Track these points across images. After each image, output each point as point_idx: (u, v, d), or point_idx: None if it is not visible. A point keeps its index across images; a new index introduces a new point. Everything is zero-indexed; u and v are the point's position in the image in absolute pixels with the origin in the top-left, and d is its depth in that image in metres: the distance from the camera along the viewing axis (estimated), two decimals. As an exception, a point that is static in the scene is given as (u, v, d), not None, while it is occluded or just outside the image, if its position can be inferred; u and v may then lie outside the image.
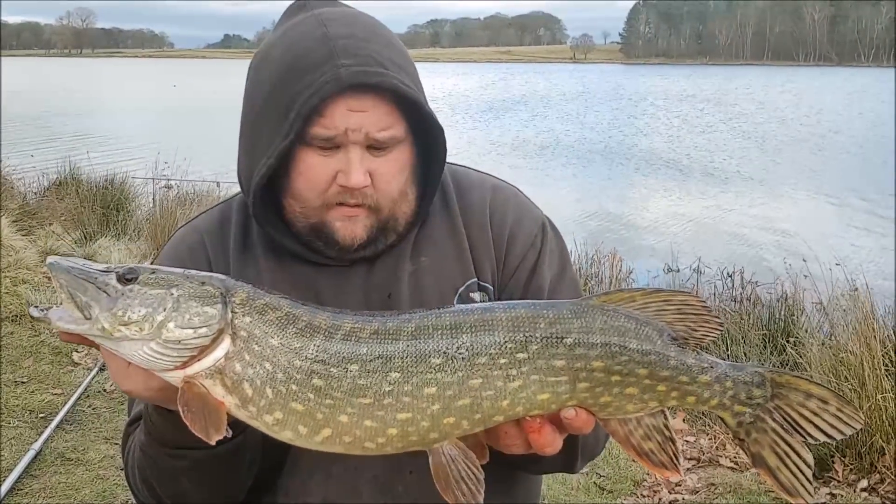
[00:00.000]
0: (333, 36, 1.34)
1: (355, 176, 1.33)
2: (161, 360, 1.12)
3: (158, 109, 40.97)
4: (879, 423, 4.39)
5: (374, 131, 1.33)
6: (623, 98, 56.18)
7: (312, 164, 1.36)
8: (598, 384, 1.16)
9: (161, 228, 9.16)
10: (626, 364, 1.16)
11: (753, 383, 1.20)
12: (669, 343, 1.18)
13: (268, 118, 1.37)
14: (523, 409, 1.16)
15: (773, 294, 7.11)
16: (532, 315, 1.16)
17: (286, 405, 1.13)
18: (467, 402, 1.14)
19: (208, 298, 1.14)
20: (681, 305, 1.19)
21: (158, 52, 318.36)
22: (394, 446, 1.16)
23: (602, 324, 1.16)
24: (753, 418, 1.21)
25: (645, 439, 1.21)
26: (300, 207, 1.40)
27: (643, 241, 12.65)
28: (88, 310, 1.12)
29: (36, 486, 4.21)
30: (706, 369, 1.19)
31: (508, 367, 1.14)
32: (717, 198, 17.35)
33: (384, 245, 1.44)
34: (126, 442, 1.49)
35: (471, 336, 1.14)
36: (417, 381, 1.13)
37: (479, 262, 1.50)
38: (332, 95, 1.30)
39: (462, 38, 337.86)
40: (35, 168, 12.92)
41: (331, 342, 1.14)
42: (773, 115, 39.70)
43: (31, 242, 8.77)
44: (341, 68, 1.30)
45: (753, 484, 4.45)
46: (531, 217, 1.56)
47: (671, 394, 1.19)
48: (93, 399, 5.30)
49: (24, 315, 6.48)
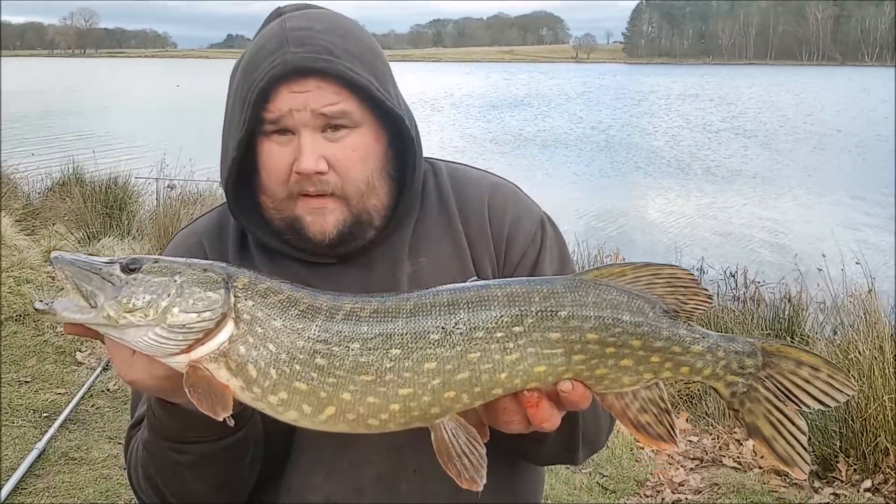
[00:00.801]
0: (289, 28, 1.37)
1: (305, 159, 1.34)
2: (166, 345, 1.14)
3: (162, 109, 41.03)
4: (884, 423, 4.39)
5: (319, 106, 1.34)
6: (625, 97, 56.13)
7: (270, 153, 1.38)
8: (594, 356, 1.18)
9: (164, 228, 9.17)
10: (619, 336, 1.18)
11: (745, 353, 1.22)
12: (661, 315, 1.20)
13: (232, 115, 1.41)
14: (521, 381, 1.18)
15: (776, 294, 7.11)
16: (527, 290, 1.18)
17: (290, 385, 1.16)
18: (466, 375, 1.17)
19: (211, 284, 1.17)
20: (670, 278, 1.21)
21: (161, 53, 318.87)
22: (396, 422, 1.18)
23: (595, 297, 1.18)
24: (746, 388, 1.22)
25: (641, 412, 1.22)
26: (271, 202, 1.42)
27: (646, 241, 12.64)
28: (94, 298, 1.14)
29: (40, 485, 4.22)
30: (698, 339, 1.21)
31: (505, 340, 1.16)
32: (720, 197, 17.34)
33: (363, 241, 1.44)
34: (129, 444, 1.49)
35: (468, 312, 1.17)
36: (417, 357, 1.16)
37: (479, 259, 1.50)
38: (278, 81, 1.33)
39: (464, 37, 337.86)
40: (38, 168, 12.94)
41: (332, 322, 1.17)
42: (776, 115, 39.65)
43: (35, 242, 8.79)
44: (288, 54, 1.33)
45: (757, 484, 4.44)
46: (530, 214, 1.56)
47: (665, 365, 1.21)
48: (96, 398, 5.31)
49: (27, 314, 6.49)
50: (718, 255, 10.64)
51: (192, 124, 30.23)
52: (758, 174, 20.67)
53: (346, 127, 1.37)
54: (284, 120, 1.34)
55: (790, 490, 4.40)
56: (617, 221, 14.49)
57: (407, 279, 1.46)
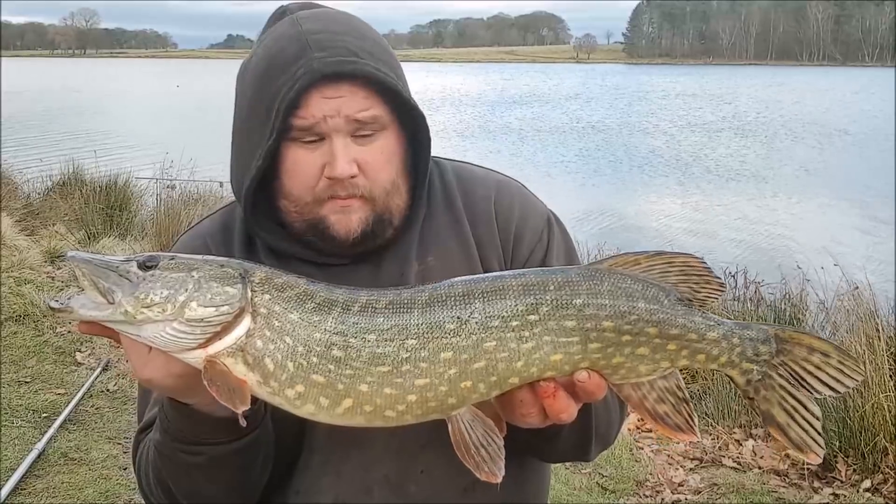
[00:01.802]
0: (307, 31, 1.36)
1: (340, 165, 1.33)
2: (183, 339, 1.14)
3: (162, 109, 41.03)
4: (882, 423, 4.39)
5: (353, 112, 1.34)
6: (625, 97, 56.13)
7: (298, 159, 1.36)
8: (610, 344, 1.18)
9: (165, 228, 9.17)
10: (635, 323, 1.18)
11: (759, 339, 1.22)
12: (676, 303, 1.21)
13: (252, 122, 1.38)
14: (537, 370, 1.18)
15: (776, 294, 7.10)
16: (542, 279, 1.19)
17: (307, 377, 1.16)
18: (483, 364, 1.17)
19: (228, 279, 1.18)
20: (683, 266, 1.22)
21: (162, 53, 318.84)
22: (413, 414, 1.19)
23: (610, 285, 1.19)
24: (761, 375, 1.23)
25: (658, 402, 1.23)
26: (294, 207, 1.40)
27: (647, 240, 12.63)
28: (111, 295, 1.15)
29: (39, 485, 4.22)
30: (713, 326, 1.21)
31: (521, 328, 1.17)
32: (719, 196, 17.33)
33: (382, 240, 1.44)
34: (137, 448, 1.49)
35: (483, 301, 1.18)
36: (434, 347, 1.16)
37: (487, 258, 1.50)
38: (308, 87, 1.32)
39: (465, 38, 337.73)
40: (39, 168, 12.94)
41: (348, 314, 1.18)
42: (776, 114, 39.64)
43: (35, 242, 8.79)
44: (314, 60, 1.32)
45: (756, 484, 4.44)
46: (537, 212, 1.56)
47: (682, 352, 1.21)
48: (96, 399, 5.30)
49: (27, 315, 6.49)
50: (719, 255, 10.64)
51: (193, 124, 30.24)
52: (758, 173, 20.66)
53: (375, 130, 1.37)
54: (318, 126, 1.33)
55: (790, 490, 4.40)
56: (616, 221, 14.49)
57: (415, 279, 1.46)
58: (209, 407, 1.27)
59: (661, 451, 4.92)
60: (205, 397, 1.24)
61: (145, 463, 1.43)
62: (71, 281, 7.65)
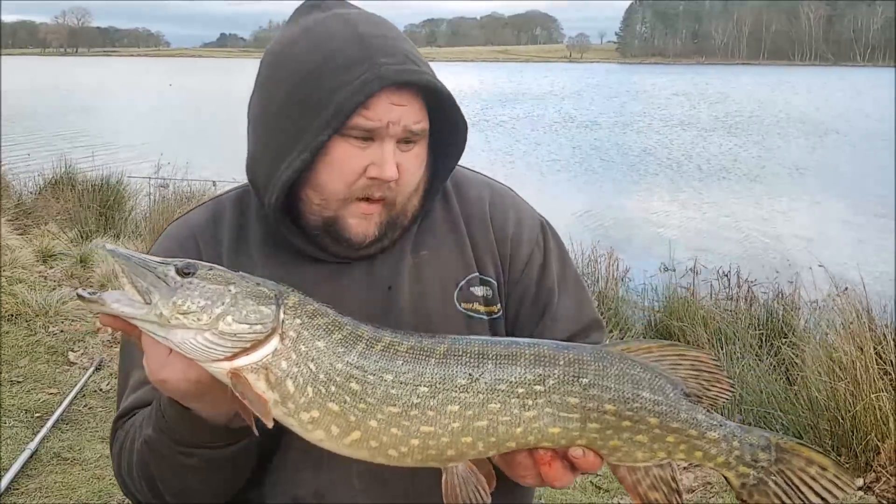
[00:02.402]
0: (366, 35, 1.38)
1: (390, 168, 1.37)
2: (213, 350, 1.17)
3: (154, 109, 40.90)
4: (874, 421, 4.40)
5: (411, 123, 1.38)
6: (618, 96, 56.21)
7: (346, 155, 1.37)
8: (609, 427, 1.22)
9: (159, 228, 9.14)
10: (637, 411, 1.22)
11: (759, 446, 1.26)
12: (681, 397, 1.24)
13: (295, 113, 1.37)
14: (535, 438, 1.23)
15: (769, 293, 7.13)
16: (553, 353, 1.23)
17: (324, 405, 1.20)
18: (485, 423, 1.21)
19: (263, 298, 1.21)
20: (694, 361, 1.26)
21: (154, 52, 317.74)
22: (413, 458, 1.23)
23: (618, 370, 1.23)
24: (757, 480, 1.26)
25: (651, 489, 1.26)
26: (320, 199, 1.41)
27: (640, 241, 12.66)
28: (149, 295, 1.16)
29: (32, 485, 4.20)
30: (715, 426, 1.25)
31: (525, 396, 1.21)
32: (712, 196, 17.37)
33: (389, 241, 1.47)
34: (115, 435, 1.49)
35: (495, 363, 1.22)
36: (443, 398, 1.21)
37: (481, 257, 1.52)
38: (375, 89, 1.33)
39: (458, 37, 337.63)
40: (31, 167, 12.90)
41: (371, 351, 1.22)
42: (768, 114, 39.75)
43: (27, 242, 8.75)
44: (382, 66, 1.34)
45: (749, 483, 4.45)
46: (530, 217, 1.59)
47: (679, 446, 1.24)
48: (89, 398, 5.29)
49: (20, 314, 6.47)
50: (711, 254, 10.66)
51: (186, 124, 30.14)
52: (750, 173, 20.72)
53: (417, 141, 1.42)
54: (379, 130, 1.36)
55: (782, 489, 4.41)
56: (610, 220, 14.50)
57: (408, 271, 1.48)
58: (208, 413, 1.29)
59: None
60: (210, 405, 1.27)
61: (129, 453, 1.43)
62: (63, 280, 7.62)
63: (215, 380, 1.20)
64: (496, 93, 60.93)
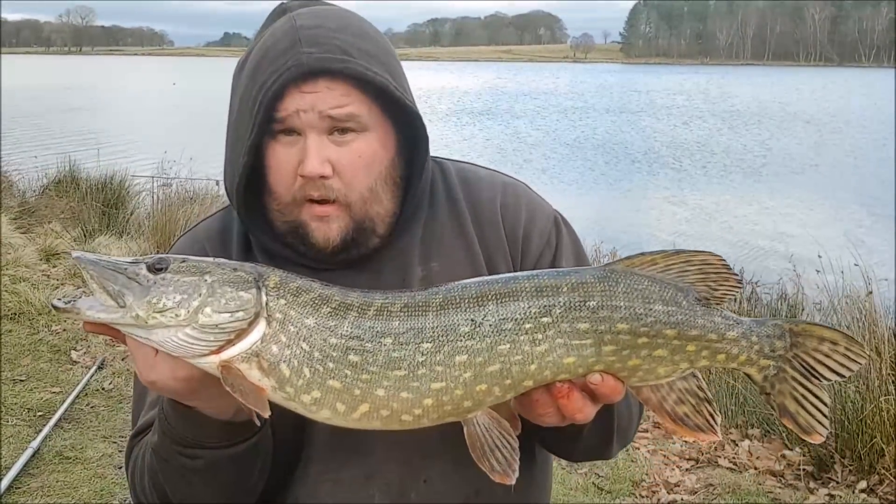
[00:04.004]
0: (300, 27, 1.34)
1: (310, 162, 1.30)
2: (196, 346, 1.12)
3: (158, 108, 40.95)
4: (880, 424, 4.39)
5: (326, 108, 1.30)
6: (622, 97, 56.15)
7: (277, 155, 1.34)
8: (625, 347, 1.17)
9: (161, 226, 9.15)
10: (652, 325, 1.17)
11: (775, 335, 1.23)
12: (695, 303, 1.20)
13: (240, 117, 1.37)
14: (551, 373, 1.17)
15: (772, 294, 7.12)
16: (555, 282, 1.18)
17: (324, 383, 1.15)
18: (497, 367, 1.16)
19: (242, 283, 1.15)
20: (702, 265, 1.21)
21: (158, 51, 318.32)
22: (430, 417, 1.18)
23: (625, 287, 1.18)
24: (777, 370, 1.24)
25: (679, 403, 1.22)
26: (276, 205, 1.38)
27: (643, 241, 12.64)
28: (122, 298, 1.12)
29: (34, 484, 4.20)
30: (733, 325, 1.21)
31: (534, 331, 1.16)
32: (716, 197, 17.35)
33: (366, 249, 1.41)
34: (130, 453, 1.46)
35: (496, 304, 1.16)
36: (449, 350, 1.15)
37: (493, 261, 1.47)
38: (290, 82, 1.29)
39: (462, 36, 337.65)
40: (35, 166, 12.91)
41: (364, 318, 1.16)
42: (773, 114, 39.68)
43: (30, 240, 8.76)
44: (303, 55, 1.29)
45: (752, 485, 4.44)
46: (543, 213, 1.54)
47: (701, 353, 1.20)
48: (91, 397, 5.29)
49: (22, 313, 6.48)
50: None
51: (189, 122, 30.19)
52: (754, 173, 20.69)
53: (354, 130, 1.33)
54: (291, 120, 1.31)
55: (785, 491, 4.40)
56: (612, 221, 14.49)
57: (418, 284, 1.43)
58: (210, 410, 1.26)
59: (657, 451, 4.92)
60: (207, 402, 1.24)
61: (140, 467, 1.41)
62: (66, 279, 7.63)
63: (207, 375, 1.15)
64: (500, 93, 60.91)
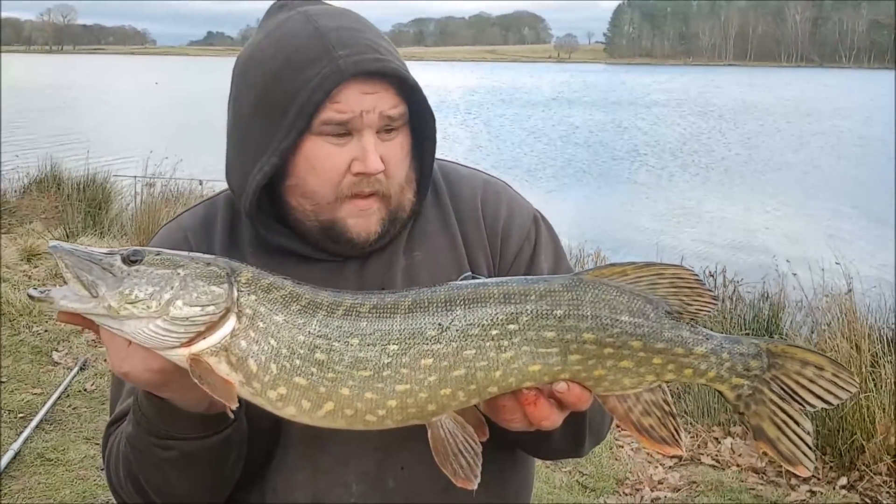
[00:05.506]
0: (324, 30, 1.36)
1: (373, 159, 1.34)
2: (166, 338, 1.14)
3: (140, 107, 40.68)
4: (860, 421, 4.44)
5: (387, 109, 1.35)
6: (605, 96, 56.36)
7: (324, 154, 1.35)
8: (591, 356, 1.17)
9: (145, 226, 9.09)
10: (618, 336, 1.17)
11: (750, 354, 1.20)
12: (663, 316, 1.19)
13: (262, 118, 1.36)
14: (516, 380, 1.18)
15: (755, 293, 7.16)
16: (523, 289, 1.18)
17: (290, 380, 1.16)
18: (462, 372, 1.17)
19: (214, 278, 1.17)
20: (673, 279, 1.20)
21: (141, 50, 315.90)
22: (394, 419, 1.19)
23: (593, 297, 1.17)
24: (752, 390, 1.21)
25: (644, 415, 1.21)
26: (311, 205, 1.39)
27: (626, 240, 12.69)
28: (95, 288, 1.14)
29: (15, 486, 4.17)
30: (702, 341, 1.19)
31: (500, 337, 1.16)
32: (699, 196, 17.45)
33: (391, 236, 1.45)
34: (107, 441, 1.47)
35: (464, 309, 1.17)
36: (414, 353, 1.16)
37: (473, 255, 1.50)
38: (341, 83, 1.31)
39: (446, 36, 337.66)
40: (16, 166, 12.78)
41: (332, 317, 1.17)
42: (755, 115, 39.96)
43: (11, 241, 8.68)
44: (341, 59, 1.32)
45: (735, 482, 4.48)
46: (523, 211, 1.56)
47: (668, 367, 1.19)
48: (73, 399, 5.25)
49: (3, 314, 6.41)
50: (698, 255, 10.71)
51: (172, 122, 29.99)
52: (737, 174, 20.83)
53: (398, 127, 1.39)
54: (354, 121, 1.33)
55: (767, 487, 4.44)
56: (596, 221, 14.53)
57: (401, 274, 1.46)
58: (184, 402, 1.27)
59: (640, 449, 4.95)
60: (180, 393, 1.25)
61: (116, 455, 1.42)
62: (48, 280, 7.56)
63: (180, 367, 1.17)
64: (484, 93, 60.97)
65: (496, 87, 71.08)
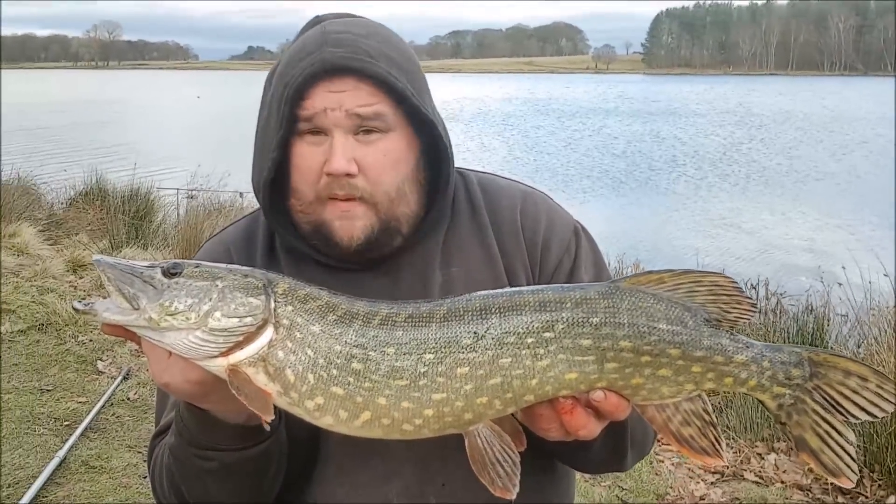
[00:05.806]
0: (329, 31, 1.38)
1: (336, 160, 1.33)
2: (205, 348, 1.15)
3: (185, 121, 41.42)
4: (909, 437, 4.32)
5: (353, 106, 1.33)
6: (643, 107, 55.94)
7: (303, 154, 1.37)
8: (628, 364, 1.16)
9: (187, 238, 9.24)
10: (656, 344, 1.15)
11: (791, 363, 1.18)
12: (702, 324, 1.17)
13: (271, 117, 1.40)
14: (552, 388, 1.17)
15: (798, 306, 7.04)
16: (559, 296, 1.17)
17: (327, 390, 1.16)
18: (498, 381, 1.16)
19: (252, 289, 1.18)
20: (712, 286, 1.17)
21: (183, 64, 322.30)
22: (430, 428, 1.18)
23: (629, 304, 1.16)
24: (794, 399, 1.19)
25: (684, 425, 1.19)
26: (300, 205, 1.40)
27: (665, 252, 12.56)
28: (136, 301, 1.16)
29: (60, 493, 4.24)
30: (742, 349, 1.17)
31: (536, 346, 1.15)
32: (740, 207, 17.21)
33: (390, 248, 1.42)
34: (152, 452, 1.49)
35: (499, 317, 1.16)
36: (450, 362, 1.16)
37: (512, 269, 1.48)
38: (315, 79, 1.32)
39: (484, 48, 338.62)
40: (64, 179, 13.11)
41: (368, 327, 1.18)
42: (798, 125, 39.35)
43: (58, 252, 8.88)
44: (326, 53, 1.33)
45: (779, 499, 4.38)
46: (563, 222, 1.54)
47: (707, 375, 1.17)
48: (117, 407, 5.34)
49: (50, 323, 6.55)
50: (738, 266, 10.55)
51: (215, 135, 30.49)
52: (777, 184, 20.51)
53: (379, 130, 1.36)
54: (318, 119, 1.33)
55: (813, 505, 4.33)
56: (634, 232, 14.41)
57: (438, 289, 1.44)
58: (224, 413, 1.28)
59: (681, 464, 4.87)
60: (220, 404, 1.25)
61: (160, 466, 1.43)
62: (93, 290, 7.72)
63: (220, 378, 1.17)
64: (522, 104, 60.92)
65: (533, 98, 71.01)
